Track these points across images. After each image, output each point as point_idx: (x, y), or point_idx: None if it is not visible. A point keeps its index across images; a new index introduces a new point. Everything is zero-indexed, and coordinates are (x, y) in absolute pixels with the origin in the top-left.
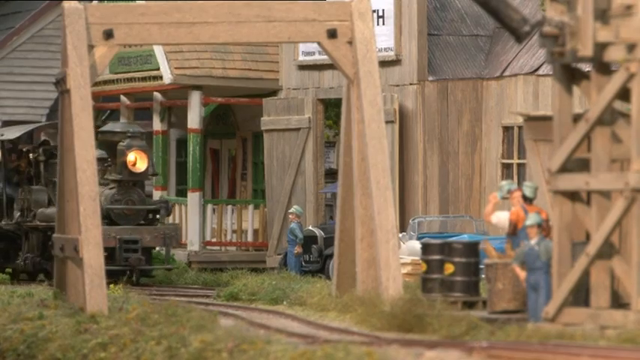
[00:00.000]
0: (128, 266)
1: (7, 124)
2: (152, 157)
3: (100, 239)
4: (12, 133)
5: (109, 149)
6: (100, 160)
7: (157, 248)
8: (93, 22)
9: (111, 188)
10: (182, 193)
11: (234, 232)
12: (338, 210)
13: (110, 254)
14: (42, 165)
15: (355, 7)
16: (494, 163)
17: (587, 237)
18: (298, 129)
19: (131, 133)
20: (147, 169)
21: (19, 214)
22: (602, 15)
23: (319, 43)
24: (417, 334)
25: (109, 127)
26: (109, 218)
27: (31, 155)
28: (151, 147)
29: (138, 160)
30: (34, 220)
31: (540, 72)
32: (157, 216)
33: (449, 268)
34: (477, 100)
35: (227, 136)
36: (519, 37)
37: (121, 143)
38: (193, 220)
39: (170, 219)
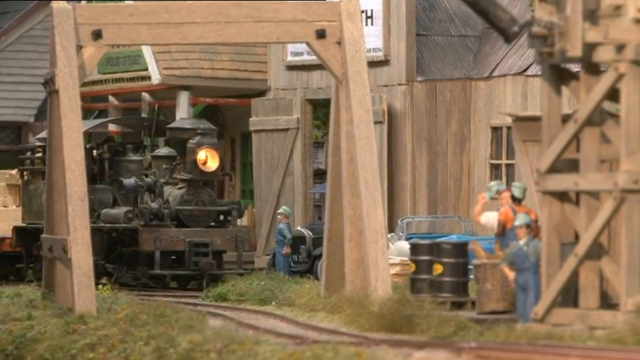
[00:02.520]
0: (198, 271)
1: None
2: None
3: (89, 240)
4: None
5: (178, 147)
6: (168, 158)
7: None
8: (81, 22)
9: (179, 188)
10: None
11: None
12: (326, 210)
13: (179, 258)
14: (106, 163)
15: (344, 8)
16: (482, 164)
17: (576, 237)
18: (287, 129)
19: (202, 130)
20: (218, 168)
21: None
22: (591, 15)
23: (308, 44)
24: (405, 335)
25: (178, 123)
26: (177, 220)
27: (94, 152)
28: None
29: (209, 159)
30: (98, 221)
31: (529, 72)
32: (229, 217)
33: (438, 269)
34: (466, 101)
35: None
36: (508, 38)
37: (190, 141)
38: None
39: None
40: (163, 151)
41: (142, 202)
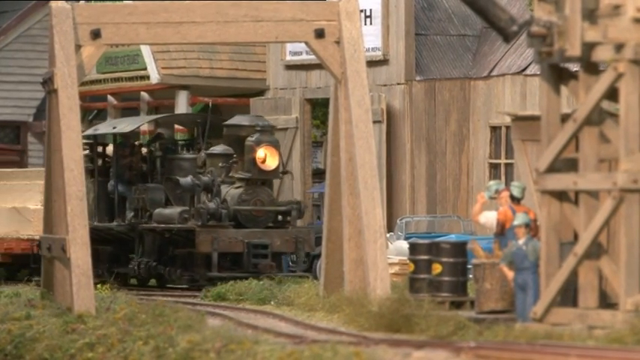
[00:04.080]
0: (257, 273)
1: None
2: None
3: (88, 239)
4: (125, 126)
5: (235, 144)
6: (224, 156)
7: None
8: (80, 21)
9: (237, 187)
10: None
11: None
12: (325, 210)
13: (236, 260)
14: (158, 161)
15: (343, 7)
16: (481, 163)
17: (575, 237)
18: (285, 129)
19: (260, 127)
20: (278, 166)
21: (132, 214)
22: (590, 15)
23: (307, 43)
24: (404, 334)
25: (236, 120)
26: (235, 220)
27: (144, 150)
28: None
29: (268, 157)
30: (150, 221)
31: (528, 72)
32: (288, 218)
33: (436, 268)
34: (465, 100)
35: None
36: (507, 37)
37: (249, 138)
38: None
39: None
40: (218, 148)
41: (199, 202)
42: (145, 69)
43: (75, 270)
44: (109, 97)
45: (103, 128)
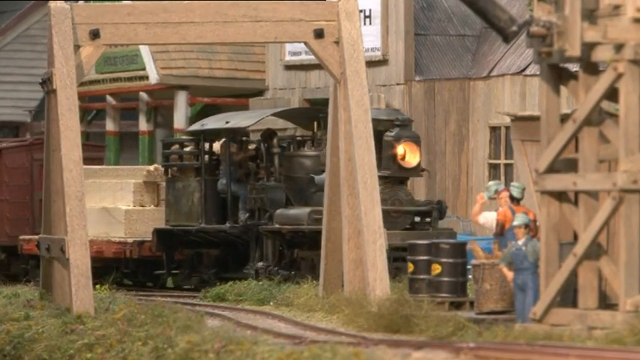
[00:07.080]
0: (397, 277)
1: None
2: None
3: (87, 239)
4: (240, 121)
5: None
6: None
7: None
8: (79, 22)
9: None
10: None
11: None
12: (325, 210)
13: None
14: (276, 158)
15: (342, 7)
16: (481, 164)
17: (575, 237)
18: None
19: (400, 122)
20: (418, 163)
21: (247, 215)
22: (590, 15)
23: (306, 43)
24: (404, 335)
25: (372, 113)
26: None
27: (251, 146)
28: (137, 147)
29: (408, 154)
30: (270, 222)
31: (527, 72)
32: (427, 219)
33: (436, 269)
34: (464, 100)
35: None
36: (507, 37)
37: (387, 133)
38: None
39: None
40: None
41: None
42: (144, 69)
43: (74, 270)
44: (108, 98)
45: (212, 123)
